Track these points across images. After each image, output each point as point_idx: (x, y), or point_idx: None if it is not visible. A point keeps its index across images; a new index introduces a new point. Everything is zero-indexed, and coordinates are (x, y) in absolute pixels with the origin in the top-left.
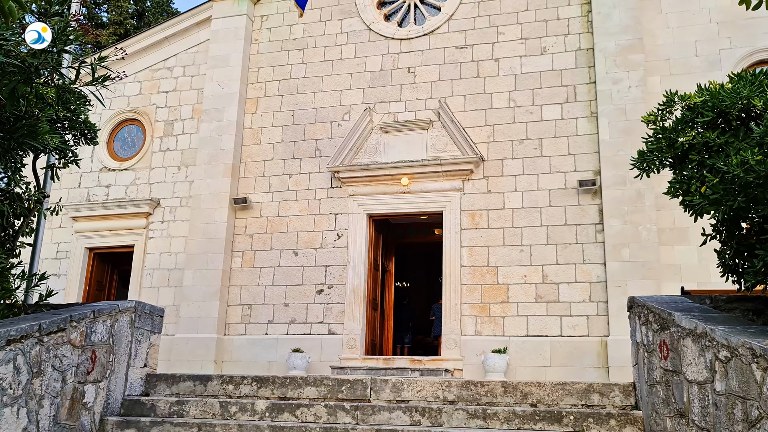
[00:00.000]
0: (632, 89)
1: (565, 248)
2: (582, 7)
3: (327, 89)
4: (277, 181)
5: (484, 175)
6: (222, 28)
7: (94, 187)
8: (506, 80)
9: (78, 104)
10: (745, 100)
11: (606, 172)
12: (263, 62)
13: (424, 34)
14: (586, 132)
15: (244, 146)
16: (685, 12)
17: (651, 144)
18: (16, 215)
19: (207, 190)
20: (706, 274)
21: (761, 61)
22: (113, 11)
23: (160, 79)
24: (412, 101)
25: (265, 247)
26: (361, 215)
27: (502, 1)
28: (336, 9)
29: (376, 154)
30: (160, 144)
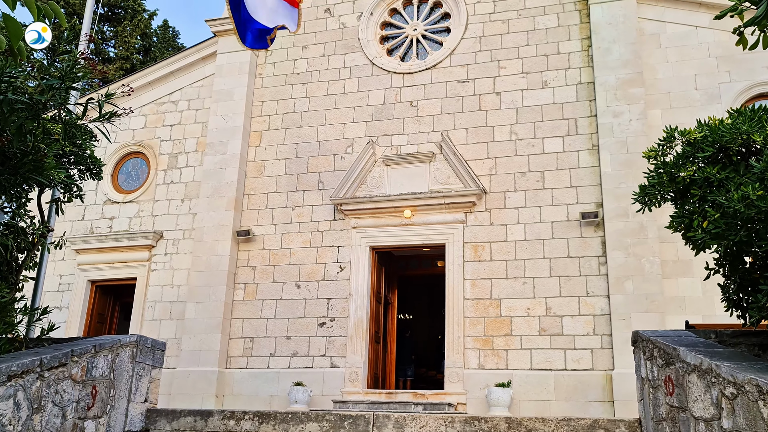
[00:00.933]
0: (633, 122)
1: (568, 281)
2: (582, 42)
3: (330, 122)
4: (279, 213)
5: (487, 208)
6: (227, 62)
7: (97, 220)
8: (508, 113)
9: (84, 139)
10: (745, 135)
11: (608, 205)
12: (267, 96)
13: (427, 69)
14: (587, 164)
15: (248, 179)
16: (684, 46)
17: (652, 179)
18: (20, 249)
19: (210, 223)
20: (710, 306)
21: (761, 94)
22: (120, 46)
23: (165, 112)
24: (414, 134)
25: (267, 279)
26: (364, 247)
27: (503, 36)
28: (339, 44)
29: (379, 187)
30: (164, 177)
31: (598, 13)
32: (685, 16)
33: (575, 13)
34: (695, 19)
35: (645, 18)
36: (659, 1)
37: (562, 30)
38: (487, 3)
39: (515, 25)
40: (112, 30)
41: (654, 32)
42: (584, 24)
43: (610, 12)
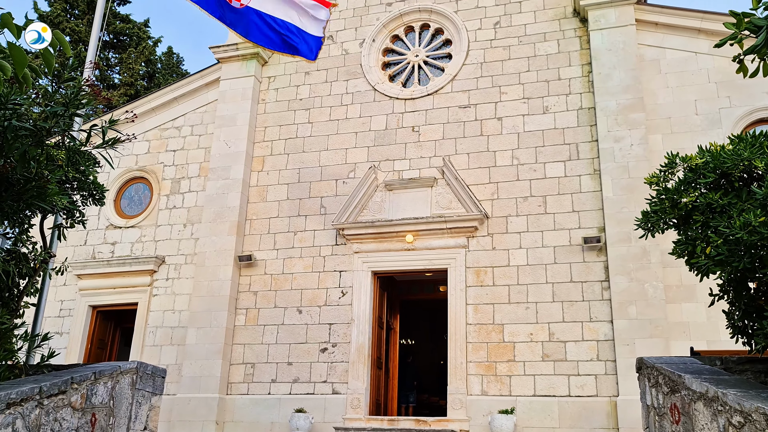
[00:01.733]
0: (634, 147)
1: (571, 306)
2: (582, 68)
3: (332, 148)
4: (282, 238)
5: (489, 232)
6: (230, 88)
7: (100, 245)
8: (509, 138)
9: (87, 165)
10: (747, 161)
11: (610, 229)
12: (270, 121)
13: (428, 94)
14: (589, 189)
15: (250, 204)
16: (684, 72)
17: (654, 205)
18: (21, 275)
19: (212, 248)
20: (715, 332)
21: (761, 119)
22: (125, 73)
23: (169, 138)
24: (416, 159)
25: (269, 304)
26: (366, 272)
27: (504, 63)
28: (342, 70)
29: (381, 212)
30: (166, 202)
31: (598, 39)
32: (685, 42)
33: (575, 40)
34: (694, 46)
35: (645, 44)
36: (659, 28)
37: (562, 56)
38: (488, 30)
39: (516, 52)
40: (117, 57)
41: (654, 58)
42: (584, 50)
43: (610, 38)
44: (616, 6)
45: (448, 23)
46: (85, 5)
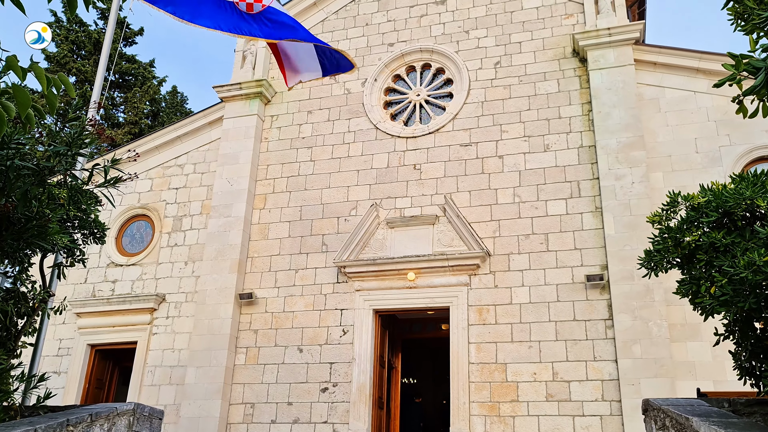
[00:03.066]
0: (635, 185)
1: (575, 344)
2: (582, 106)
3: (334, 185)
4: (283, 276)
5: (491, 270)
6: (233, 127)
7: (100, 283)
8: (511, 176)
9: (89, 204)
10: (749, 200)
11: (613, 267)
12: (272, 159)
13: (430, 133)
14: (591, 227)
15: (252, 241)
16: (683, 111)
17: (657, 244)
18: (20, 315)
19: (213, 286)
20: (721, 371)
21: (761, 157)
22: (129, 112)
23: (171, 176)
24: (418, 197)
25: (269, 343)
26: (367, 311)
27: (505, 101)
28: (344, 109)
29: (383, 249)
30: (168, 239)
31: (598, 79)
32: (683, 81)
33: (575, 79)
34: (693, 85)
35: (644, 83)
36: (657, 68)
37: (562, 95)
38: (488, 69)
39: (516, 91)
40: (122, 96)
41: (653, 97)
42: (584, 89)
43: (609, 78)
44: (614, 47)
45: (450, 63)
46: (92, 46)
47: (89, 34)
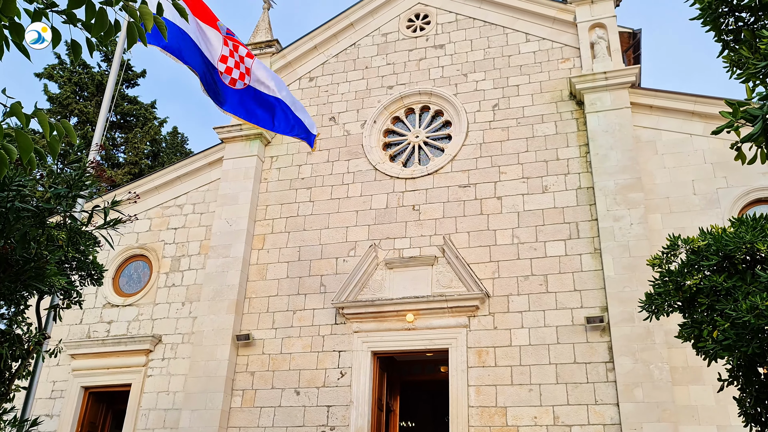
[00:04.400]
0: (634, 226)
1: (576, 388)
2: (580, 148)
3: (333, 226)
4: (280, 317)
5: (490, 312)
6: (233, 167)
7: (95, 323)
8: (509, 217)
9: (87, 245)
10: (749, 244)
11: (613, 309)
12: (271, 200)
13: (428, 174)
14: (590, 268)
15: (249, 282)
16: (680, 153)
17: (658, 287)
18: (14, 357)
19: (210, 327)
20: (724, 416)
21: (759, 199)
22: (130, 152)
23: (170, 216)
24: (416, 238)
25: (266, 385)
26: (365, 352)
27: (503, 143)
28: (343, 150)
29: (381, 290)
30: (165, 279)
31: (595, 121)
32: (680, 124)
33: (572, 122)
34: (689, 128)
35: (640, 126)
36: (653, 111)
37: (560, 137)
38: (486, 112)
39: (515, 133)
40: (123, 136)
41: (650, 139)
42: (581, 132)
43: (606, 120)
44: (611, 90)
45: (448, 105)
46: (95, 87)
47: (92, 75)
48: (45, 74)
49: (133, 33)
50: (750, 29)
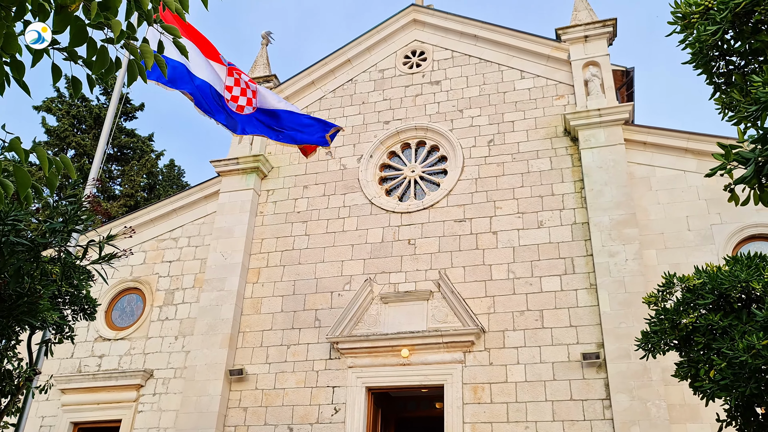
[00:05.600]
0: (629, 262)
1: (573, 425)
2: (575, 184)
3: (329, 260)
4: (274, 351)
5: (486, 347)
6: (229, 201)
7: (87, 357)
8: (505, 252)
9: (81, 279)
10: (744, 283)
11: (609, 345)
12: (267, 233)
13: (424, 208)
14: (586, 304)
15: (244, 316)
16: (674, 189)
17: (654, 325)
18: (3, 393)
19: (203, 361)
20: None
21: (752, 236)
22: (126, 184)
23: (165, 249)
24: (412, 272)
25: (258, 421)
26: (360, 388)
27: (498, 178)
28: (340, 184)
29: (376, 325)
30: (159, 313)
31: (589, 157)
32: (673, 161)
33: (567, 157)
34: (683, 164)
35: (634, 162)
36: (647, 147)
37: (555, 173)
38: (482, 147)
39: (510, 168)
40: (120, 169)
41: (644, 175)
42: (576, 167)
43: (600, 156)
44: (605, 127)
45: (444, 140)
46: (92, 120)
47: (90, 108)
48: (44, 107)
49: (133, 70)
50: (740, 73)
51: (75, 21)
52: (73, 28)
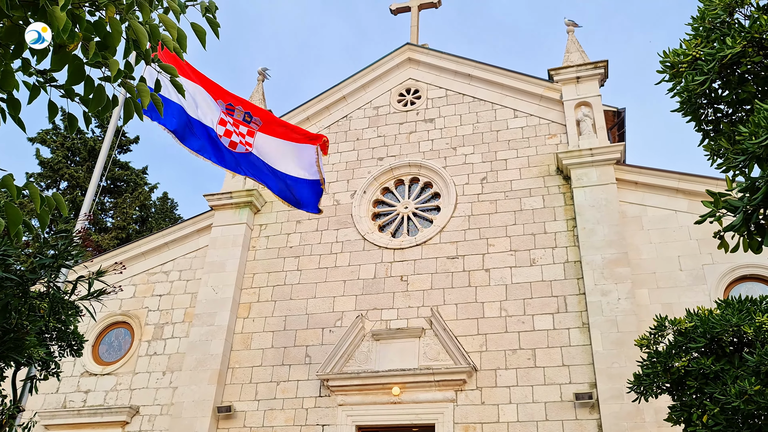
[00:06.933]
0: (621, 301)
1: None
2: (567, 222)
3: (320, 295)
4: (264, 388)
5: (478, 386)
6: (221, 235)
7: (72, 393)
8: (497, 290)
9: (68, 315)
10: (735, 327)
11: (602, 385)
12: (259, 268)
13: (417, 245)
14: (579, 343)
15: (233, 351)
16: (666, 229)
17: (646, 368)
18: None
19: (191, 398)
20: None
21: (744, 276)
22: (118, 217)
23: (156, 282)
24: (404, 309)
25: None
26: (350, 427)
27: (491, 216)
28: (333, 220)
29: (367, 362)
30: (147, 348)
31: (581, 196)
32: (665, 200)
33: (560, 196)
34: (674, 204)
35: (626, 201)
36: (638, 187)
37: (547, 211)
38: (475, 184)
39: (503, 206)
40: (112, 201)
41: (636, 215)
42: (569, 206)
43: (592, 195)
44: (597, 166)
45: (437, 177)
46: (86, 153)
47: (85, 141)
48: (38, 139)
49: (129, 108)
50: (728, 121)
51: (73, 60)
52: (71, 66)
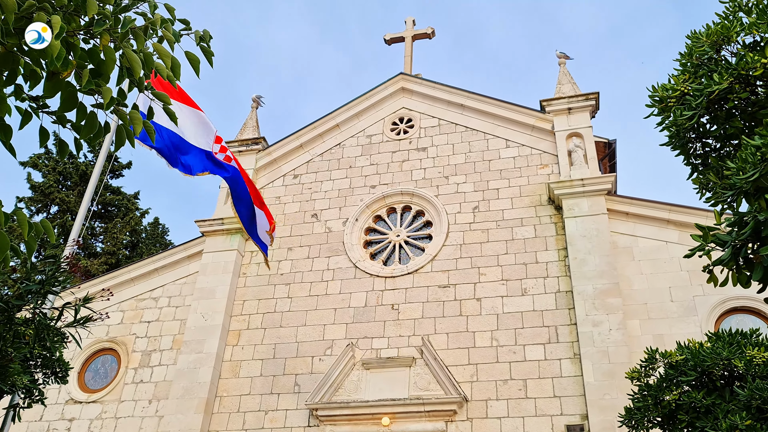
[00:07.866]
0: (613, 332)
1: None
2: (559, 252)
3: (310, 323)
4: (252, 418)
5: (468, 417)
6: (212, 261)
7: (56, 421)
8: (489, 319)
9: (54, 342)
10: (726, 360)
11: (594, 417)
12: (249, 295)
13: (408, 273)
14: (570, 374)
15: (222, 379)
16: (657, 260)
17: (637, 401)
18: None
19: (177, 427)
20: None
21: (734, 308)
22: (108, 242)
23: (144, 308)
24: (395, 338)
25: None
26: None
27: (483, 245)
28: (324, 247)
29: (357, 392)
30: (134, 375)
31: (573, 226)
32: (655, 231)
33: (551, 225)
34: (665, 235)
35: (617, 232)
36: (629, 218)
37: (539, 240)
38: (467, 213)
39: (494, 235)
40: (103, 226)
41: (627, 245)
42: (560, 236)
43: (583, 226)
44: (588, 196)
45: (429, 206)
46: (78, 177)
47: (77, 166)
48: (30, 163)
49: (122, 135)
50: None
51: (66, 87)
52: (64, 93)
